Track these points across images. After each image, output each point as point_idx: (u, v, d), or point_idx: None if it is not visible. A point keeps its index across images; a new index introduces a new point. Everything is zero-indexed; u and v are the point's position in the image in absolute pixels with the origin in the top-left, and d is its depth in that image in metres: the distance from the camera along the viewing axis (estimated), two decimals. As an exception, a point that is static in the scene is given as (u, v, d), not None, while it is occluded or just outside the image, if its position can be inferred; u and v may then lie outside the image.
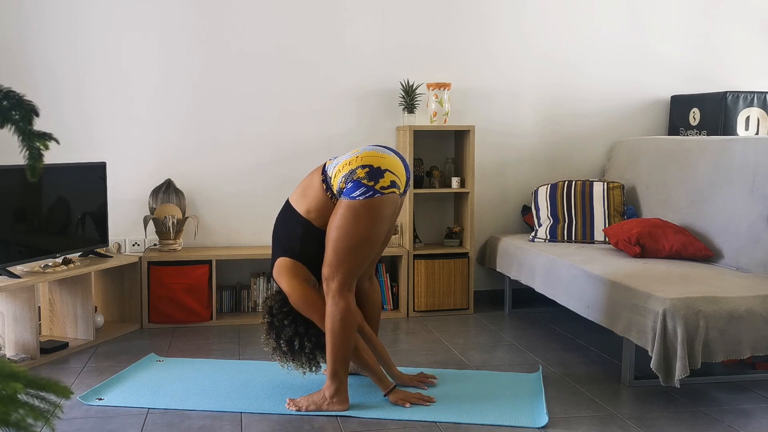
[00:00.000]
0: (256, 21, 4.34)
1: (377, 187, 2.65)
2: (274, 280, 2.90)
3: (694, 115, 4.58)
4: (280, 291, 2.91)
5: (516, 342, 3.80)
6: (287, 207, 2.89)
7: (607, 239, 4.04)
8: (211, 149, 4.36)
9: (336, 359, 2.73)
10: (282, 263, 2.85)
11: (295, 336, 2.83)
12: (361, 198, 2.64)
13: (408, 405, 2.80)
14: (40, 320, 3.87)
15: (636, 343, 2.93)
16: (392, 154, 2.79)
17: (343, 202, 2.68)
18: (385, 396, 2.85)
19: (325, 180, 2.78)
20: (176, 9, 4.25)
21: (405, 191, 2.85)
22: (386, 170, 2.69)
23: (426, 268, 4.32)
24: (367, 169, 2.67)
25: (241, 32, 4.33)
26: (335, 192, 2.75)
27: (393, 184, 2.70)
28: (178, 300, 4.06)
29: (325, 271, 2.73)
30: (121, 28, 4.21)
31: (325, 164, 2.84)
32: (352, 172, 2.68)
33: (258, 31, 4.34)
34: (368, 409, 2.79)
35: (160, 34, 4.25)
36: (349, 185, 2.67)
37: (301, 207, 2.83)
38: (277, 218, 2.93)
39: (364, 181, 2.65)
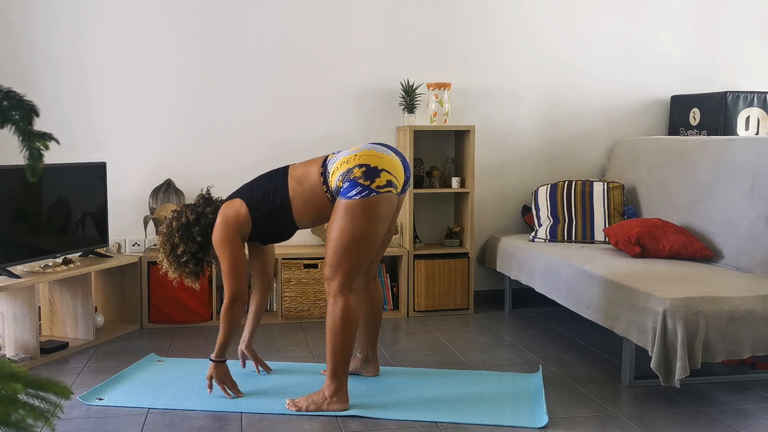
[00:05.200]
0: (256, 21, 4.34)
1: (373, 186, 2.66)
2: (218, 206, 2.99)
3: (694, 115, 4.58)
4: (205, 214, 2.97)
5: (516, 342, 3.80)
6: (283, 175, 2.88)
7: (607, 239, 4.04)
8: (211, 149, 4.36)
9: (336, 359, 2.74)
10: (239, 206, 2.88)
11: (186, 254, 2.95)
12: (357, 197, 2.66)
13: (210, 390, 2.93)
14: (40, 320, 3.87)
15: (636, 343, 2.93)
16: (391, 152, 2.79)
17: (341, 203, 2.69)
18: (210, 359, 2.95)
19: (324, 173, 2.79)
20: (177, 9, 4.25)
21: (404, 190, 2.86)
22: (383, 170, 2.70)
23: (426, 268, 4.32)
24: (363, 169, 2.68)
25: (241, 33, 4.33)
26: (332, 188, 2.76)
27: (389, 183, 2.70)
28: (178, 300, 4.06)
29: (326, 271, 2.75)
30: (123, 29, 4.21)
31: (327, 157, 2.85)
32: (349, 171, 2.69)
33: (258, 31, 4.35)
34: (368, 408, 2.79)
35: (161, 34, 4.25)
36: (346, 185, 2.69)
37: (294, 188, 2.84)
38: (267, 173, 2.94)
39: (360, 181, 2.66)
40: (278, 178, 2.88)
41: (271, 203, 2.85)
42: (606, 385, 3.11)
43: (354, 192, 2.66)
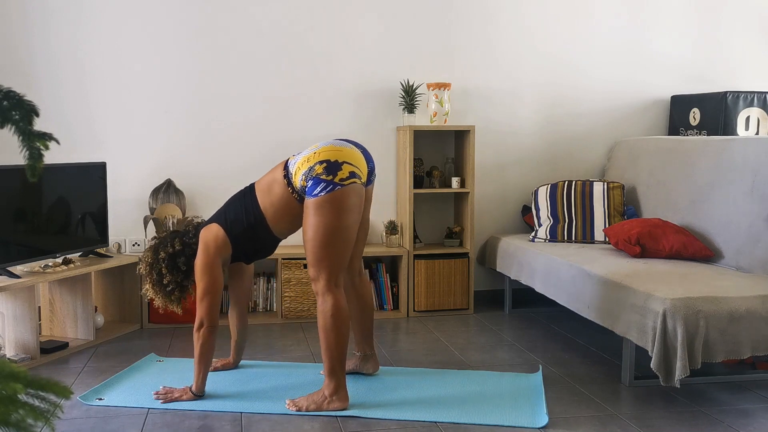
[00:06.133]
0: (256, 21, 4.34)
1: (336, 180, 2.69)
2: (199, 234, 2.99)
3: (694, 115, 4.58)
4: (190, 245, 2.98)
5: (516, 342, 3.80)
6: (251, 192, 2.91)
7: (607, 239, 4.04)
8: (211, 149, 4.36)
9: (332, 357, 2.74)
10: (216, 231, 2.89)
11: (172, 283, 2.95)
12: (323, 194, 2.69)
13: (156, 396, 2.93)
14: (40, 320, 3.87)
15: (636, 343, 2.93)
16: (350, 146, 2.82)
17: (309, 202, 2.72)
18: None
19: (287, 176, 2.81)
20: (177, 10, 4.25)
21: (369, 181, 2.90)
22: (344, 162, 2.72)
23: (426, 268, 4.32)
24: (324, 165, 2.71)
25: (241, 33, 4.33)
26: (297, 188, 2.78)
27: (352, 174, 2.73)
28: (178, 300, 4.06)
29: (310, 272, 2.78)
30: (122, 29, 4.21)
31: (288, 159, 2.87)
32: (311, 169, 2.72)
33: (258, 31, 4.35)
34: (368, 408, 2.79)
35: (161, 34, 4.25)
36: (310, 183, 2.72)
37: (263, 200, 2.86)
38: (237, 194, 2.96)
39: (323, 177, 2.69)
40: (247, 196, 2.91)
41: (245, 221, 2.87)
42: (606, 385, 3.11)
43: (319, 189, 2.69)
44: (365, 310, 3.15)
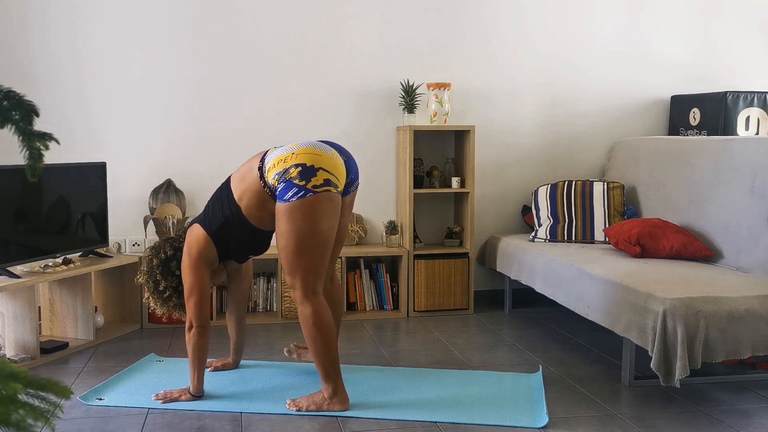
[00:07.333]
0: (256, 22, 4.34)
1: (309, 186, 2.61)
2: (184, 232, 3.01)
3: (694, 115, 4.58)
4: (182, 249, 2.95)
5: (516, 342, 3.80)
6: (226, 185, 2.87)
7: (607, 239, 4.04)
8: (211, 149, 4.36)
9: (323, 362, 2.73)
10: (197, 232, 2.86)
11: (168, 289, 2.95)
12: (294, 199, 2.62)
13: (157, 399, 2.91)
14: (40, 320, 3.87)
15: (636, 343, 2.93)
16: (331, 150, 2.74)
17: (280, 208, 2.66)
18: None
19: (262, 168, 2.74)
20: (177, 10, 4.25)
21: (348, 191, 2.84)
22: (320, 168, 2.64)
23: (426, 268, 4.32)
24: (299, 169, 2.63)
25: (241, 33, 4.33)
26: (269, 184, 2.71)
27: (327, 182, 2.65)
28: (178, 300, 4.06)
29: (287, 280, 2.75)
30: (123, 29, 4.21)
31: (267, 151, 2.81)
32: (286, 171, 2.65)
33: (258, 31, 4.35)
34: (368, 409, 2.79)
35: (161, 34, 4.25)
36: (281, 186, 2.65)
37: (237, 190, 2.81)
38: (216, 190, 2.93)
39: (296, 181, 2.62)
40: (223, 190, 2.87)
41: (222, 216, 2.82)
42: (606, 385, 3.11)
43: (290, 194, 2.62)
44: (334, 313, 3.09)
